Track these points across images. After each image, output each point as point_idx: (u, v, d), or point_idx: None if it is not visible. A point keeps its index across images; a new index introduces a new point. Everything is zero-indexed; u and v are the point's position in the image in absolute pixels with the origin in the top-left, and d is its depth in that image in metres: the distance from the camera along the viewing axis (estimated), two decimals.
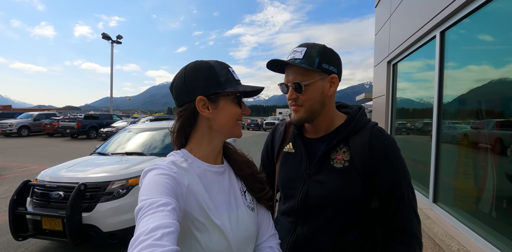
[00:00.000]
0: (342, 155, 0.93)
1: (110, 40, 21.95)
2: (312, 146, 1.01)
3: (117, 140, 4.74)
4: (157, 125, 5.06)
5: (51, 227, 3.00)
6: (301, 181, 0.98)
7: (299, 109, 0.94)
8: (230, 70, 0.85)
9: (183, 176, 0.74)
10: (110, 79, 22.86)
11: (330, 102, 0.97)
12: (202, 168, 0.82)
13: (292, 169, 1.03)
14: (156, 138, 4.61)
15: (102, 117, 18.77)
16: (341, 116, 1.01)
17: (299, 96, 0.92)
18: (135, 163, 3.62)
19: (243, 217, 0.83)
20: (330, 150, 0.95)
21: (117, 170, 3.39)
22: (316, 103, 0.93)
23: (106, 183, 3.16)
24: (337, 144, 0.95)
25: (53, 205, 3.09)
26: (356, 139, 0.92)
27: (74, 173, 3.40)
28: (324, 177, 0.94)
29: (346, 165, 0.92)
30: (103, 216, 3.01)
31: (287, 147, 1.08)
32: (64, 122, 17.13)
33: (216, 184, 0.83)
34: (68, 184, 3.13)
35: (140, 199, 0.63)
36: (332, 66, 0.92)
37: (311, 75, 0.89)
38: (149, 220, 0.55)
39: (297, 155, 1.03)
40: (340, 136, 0.94)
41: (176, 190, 0.68)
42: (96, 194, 3.11)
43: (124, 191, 3.16)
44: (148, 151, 4.27)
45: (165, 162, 0.77)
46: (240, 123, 0.87)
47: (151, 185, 0.66)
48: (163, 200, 0.61)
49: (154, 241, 0.50)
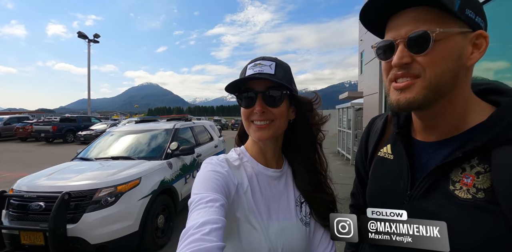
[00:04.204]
0: (474, 179, 0.55)
1: (86, 39, 20.98)
2: (421, 153, 0.66)
3: (100, 144, 4.44)
4: (143, 127, 4.79)
5: (31, 242, 2.72)
6: (397, 205, 0.64)
7: (412, 84, 0.56)
8: (249, 66, 0.78)
9: (233, 175, 0.76)
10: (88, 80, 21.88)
11: (466, 80, 0.59)
12: (257, 169, 0.81)
13: (387, 182, 0.71)
14: (143, 141, 4.38)
15: (79, 119, 17.96)
16: (484, 108, 0.60)
17: (418, 60, 0.55)
18: (123, 168, 3.38)
19: (290, 229, 0.78)
20: (450, 165, 0.58)
21: (104, 176, 3.14)
22: (446, 73, 0.55)
23: (92, 191, 2.91)
24: (466, 157, 0.57)
25: (33, 217, 2.81)
26: (508, 153, 0.51)
27: (55, 181, 3.12)
28: (435, 207, 0.59)
29: (478, 197, 0.54)
30: (90, 227, 2.76)
31: (384, 150, 0.76)
32: (38, 125, 16.21)
33: (267, 188, 0.80)
34: (50, 193, 2.85)
35: (192, 192, 0.67)
36: (479, 17, 0.56)
37: (446, 23, 0.53)
38: (199, 215, 0.58)
39: (395, 164, 0.70)
40: (474, 144, 0.55)
41: (225, 187, 0.70)
42: (82, 203, 2.85)
43: (112, 199, 2.92)
44: (135, 154, 4.03)
45: (219, 159, 0.79)
46: (258, 124, 0.76)
47: (203, 180, 0.69)
48: (212, 196, 0.64)
49: (202, 236, 0.53)
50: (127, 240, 2.93)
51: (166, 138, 4.34)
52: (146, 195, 3.18)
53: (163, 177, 3.58)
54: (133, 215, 3.01)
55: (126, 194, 3.02)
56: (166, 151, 4.01)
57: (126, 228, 2.93)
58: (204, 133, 5.71)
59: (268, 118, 0.76)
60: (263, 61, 0.77)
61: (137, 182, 3.18)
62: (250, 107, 0.77)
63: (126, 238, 2.91)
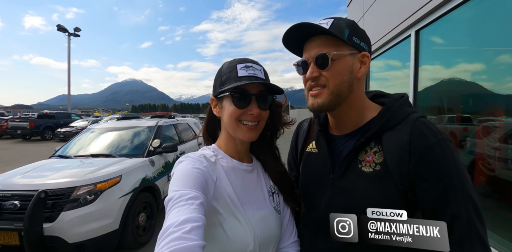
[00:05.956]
0: (373, 156, 0.75)
1: (66, 32, 20.19)
2: (337, 145, 0.84)
3: (79, 141, 4.33)
4: (125, 124, 4.70)
5: (5, 242, 2.64)
6: (323, 188, 0.82)
7: (321, 92, 0.76)
8: (238, 67, 0.80)
9: (212, 170, 0.77)
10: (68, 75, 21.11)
11: (359, 88, 0.79)
12: (232, 164, 0.84)
13: (314, 172, 0.88)
14: (125, 138, 4.30)
15: (58, 116, 17.28)
16: (374, 107, 0.83)
17: (323, 74, 0.74)
18: (103, 166, 3.31)
19: (268, 217, 0.83)
20: (357, 150, 0.77)
21: (83, 174, 3.07)
22: (343, 83, 0.74)
23: (70, 189, 2.84)
24: (367, 142, 0.76)
25: (7, 216, 2.71)
26: (392, 135, 0.72)
27: (31, 179, 3.02)
28: (349, 184, 0.77)
29: (377, 169, 0.73)
30: (68, 225, 2.70)
31: (310, 146, 0.94)
32: (14, 122, 15.51)
33: (243, 182, 0.84)
34: (25, 192, 2.77)
35: (171, 189, 0.67)
36: (363, 42, 0.77)
37: (340, 47, 0.74)
38: (179, 212, 0.58)
39: (320, 156, 0.88)
40: (371, 132, 0.75)
41: (204, 184, 0.70)
42: (59, 202, 2.78)
43: (92, 197, 2.87)
44: (116, 152, 3.96)
45: (196, 155, 0.79)
46: (249, 124, 0.80)
47: (182, 177, 0.69)
48: (192, 194, 0.63)
49: (183, 234, 0.52)
50: (107, 239, 2.89)
51: (149, 135, 4.29)
52: (126, 193, 3.15)
53: (144, 174, 3.55)
54: (113, 213, 2.97)
55: (106, 192, 2.98)
56: (148, 148, 3.96)
57: (106, 227, 2.89)
58: (188, 131, 5.67)
59: (257, 120, 0.82)
60: (254, 64, 0.82)
61: (118, 180, 3.14)
62: (243, 108, 0.79)
63: (106, 237, 2.87)
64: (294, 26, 0.74)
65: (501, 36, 2.00)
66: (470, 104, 2.48)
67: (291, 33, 0.76)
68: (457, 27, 2.43)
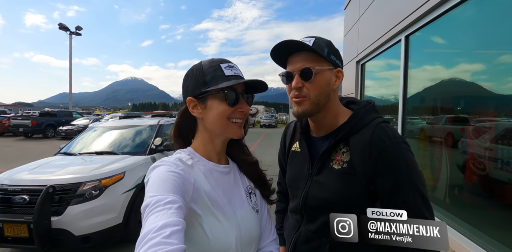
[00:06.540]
0: (341, 156, 0.89)
1: (68, 31, 20.30)
2: (315, 145, 0.98)
3: (83, 139, 4.48)
4: (127, 123, 4.84)
5: (15, 234, 2.79)
6: (304, 181, 0.97)
7: (303, 101, 0.88)
8: (222, 66, 0.81)
9: (189, 173, 0.75)
10: (69, 73, 21.24)
11: (334, 97, 0.93)
12: (208, 166, 0.83)
13: (297, 168, 1.02)
14: (127, 136, 4.44)
15: (60, 114, 17.42)
16: (346, 112, 0.95)
17: (305, 85, 0.86)
18: (107, 163, 3.47)
19: (247, 217, 0.84)
20: (330, 150, 0.91)
21: (88, 170, 3.22)
22: (322, 94, 0.88)
23: (76, 185, 2.99)
24: (337, 144, 0.90)
25: (17, 210, 2.87)
26: (357, 138, 0.86)
27: (38, 175, 3.18)
28: (323, 178, 0.91)
29: (344, 167, 0.87)
30: (74, 219, 2.86)
31: (295, 146, 1.08)
32: (16, 120, 15.68)
33: (221, 183, 0.83)
34: (34, 187, 2.92)
35: (147, 195, 0.63)
36: (338, 60, 0.91)
37: (321, 63, 0.86)
38: (157, 218, 0.55)
39: (301, 155, 1.02)
40: (341, 135, 0.88)
41: (182, 187, 0.68)
42: (66, 196, 2.94)
43: (97, 192, 3.02)
44: (119, 150, 4.10)
45: (171, 158, 0.77)
46: (239, 122, 0.82)
47: (158, 181, 0.66)
48: (170, 198, 0.61)
49: (163, 239, 0.50)
50: (112, 232, 3.05)
51: (151, 133, 4.42)
52: (130, 189, 3.30)
53: (147, 171, 3.68)
54: (117, 207, 3.12)
55: (110, 187, 3.13)
56: (150, 146, 4.10)
57: (110, 220, 3.04)
58: None
59: (246, 117, 0.85)
60: (234, 65, 0.84)
61: (121, 176, 3.29)
62: (234, 106, 0.79)
63: (110, 230, 3.02)
64: (282, 42, 0.85)
65: (487, 39, 2.10)
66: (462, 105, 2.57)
67: (279, 48, 0.87)
68: (446, 32, 2.56)
